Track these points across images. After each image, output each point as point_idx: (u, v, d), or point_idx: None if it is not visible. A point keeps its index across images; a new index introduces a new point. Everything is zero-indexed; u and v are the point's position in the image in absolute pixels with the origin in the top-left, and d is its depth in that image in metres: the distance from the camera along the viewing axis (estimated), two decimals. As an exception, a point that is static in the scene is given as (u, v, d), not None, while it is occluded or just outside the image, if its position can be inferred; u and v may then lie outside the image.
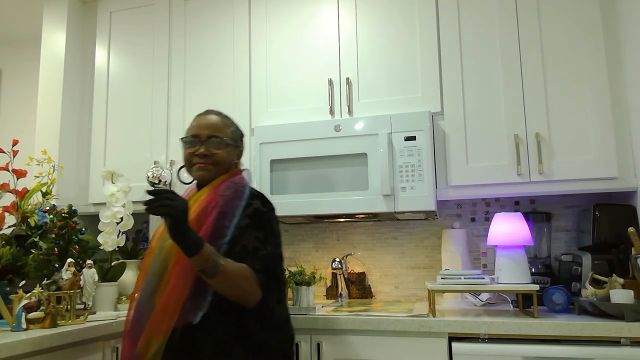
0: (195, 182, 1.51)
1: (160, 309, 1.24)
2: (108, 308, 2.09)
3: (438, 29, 2.16)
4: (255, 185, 2.15)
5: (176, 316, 1.23)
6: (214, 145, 1.45)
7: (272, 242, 1.36)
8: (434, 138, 2.07)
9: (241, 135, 1.57)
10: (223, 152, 1.46)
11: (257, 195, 1.41)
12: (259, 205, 1.38)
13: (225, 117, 1.54)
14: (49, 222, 2.03)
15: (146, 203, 1.16)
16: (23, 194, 2.11)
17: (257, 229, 1.34)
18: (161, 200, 1.15)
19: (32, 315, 1.62)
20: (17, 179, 2.13)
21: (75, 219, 2.10)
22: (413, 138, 2.01)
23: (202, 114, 1.53)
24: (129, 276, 2.30)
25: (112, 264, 2.24)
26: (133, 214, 2.26)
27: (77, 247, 2.04)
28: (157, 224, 2.69)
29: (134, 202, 2.29)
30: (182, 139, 1.50)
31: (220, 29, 2.44)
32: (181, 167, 1.51)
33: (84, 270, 1.91)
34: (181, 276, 1.25)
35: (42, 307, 1.65)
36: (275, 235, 1.39)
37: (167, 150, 2.42)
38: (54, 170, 2.24)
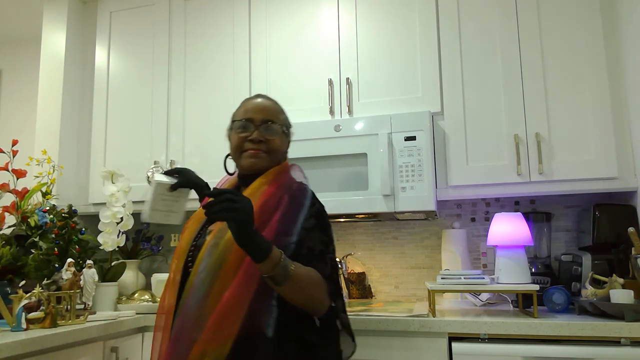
0: (236, 172, 1.41)
1: (220, 316, 1.08)
2: (108, 308, 2.09)
3: (438, 29, 2.16)
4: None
5: (238, 324, 1.08)
6: (269, 131, 1.32)
7: (334, 247, 1.29)
8: (434, 138, 2.07)
9: (289, 124, 1.44)
10: (278, 140, 1.34)
11: (315, 195, 1.32)
12: (321, 206, 1.30)
13: (277, 103, 1.42)
14: (49, 222, 2.04)
15: (206, 207, 1.03)
16: (23, 194, 2.11)
17: (322, 231, 1.25)
18: (223, 202, 1.03)
19: (32, 315, 1.62)
20: (17, 179, 2.13)
21: (75, 219, 2.10)
22: (413, 138, 2.01)
23: (252, 98, 1.40)
24: (129, 276, 2.30)
25: (112, 264, 2.24)
26: (133, 214, 2.27)
27: (77, 247, 2.05)
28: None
29: (134, 202, 2.30)
30: (232, 122, 1.38)
31: (220, 29, 2.44)
32: (227, 156, 1.39)
33: (84, 270, 1.92)
34: (244, 280, 1.11)
35: (42, 307, 1.66)
36: (332, 236, 1.31)
37: (167, 150, 2.42)
38: (54, 170, 2.24)
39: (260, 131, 1.31)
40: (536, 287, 1.72)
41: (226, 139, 1.40)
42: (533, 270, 2.07)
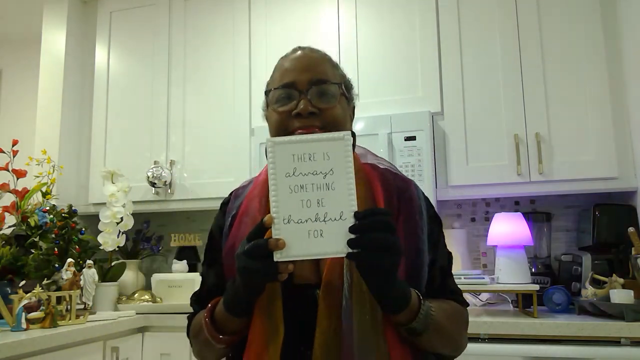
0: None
1: None
2: (108, 308, 2.09)
3: (438, 29, 2.16)
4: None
5: None
6: (322, 97, 0.89)
7: None
8: (434, 138, 2.07)
9: (351, 85, 1.02)
10: (338, 108, 0.91)
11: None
12: (425, 195, 0.95)
13: (326, 54, 1.03)
14: (49, 222, 2.03)
15: (354, 244, 0.70)
16: (23, 194, 2.11)
17: (442, 231, 0.95)
18: (377, 240, 0.70)
19: (32, 315, 1.62)
20: (17, 179, 2.13)
21: (75, 219, 2.10)
22: (413, 138, 2.01)
23: (292, 52, 1.01)
24: (129, 276, 2.30)
25: (112, 264, 2.24)
26: (133, 214, 2.27)
27: (77, 247, 2.05)
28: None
29: (134, 202, 2.30)
30: (267, 94, 0.95)
31: (220, 28, 2.44)
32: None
33: (84, 270, 1.92)
34: (399, 343, 0.80)
35: (42, 307, 1.66)
36: None
37: (167, 150, 2.41)
38: (54, 170, 2.24)
39: (309, 99, 0.88)
40: (536, 287, 1.72)
41: (263, 120, 0.98)
42: (533, 270, 2.07)
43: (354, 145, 0.86)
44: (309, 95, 0.88)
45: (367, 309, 0.77)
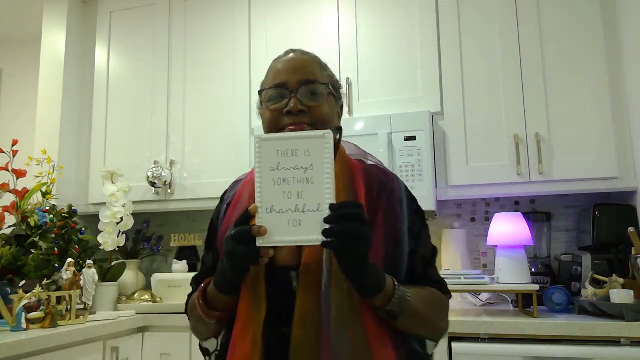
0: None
1: None
2: (108, 308, 2.09)
3: (438, 29, 2.16)
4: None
5: None
6: (311, 96, 0.96)
7: None
8: (434, 138, 2.07)
9: (338, 84, 1.05)
10: (326, 106, 0.97)
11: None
12: (409, 190, 1.01)
13: (316, 56, 1.07)
14: (49, 222, 2.03)
15: (328, 233, 0.77)
16: (23, 194, 2.11)
17: (426, 224, 1.00)
18: (348, 227, 0.77)
19: (32, 315, 1.62)
20: (17, 179, 2.13)
21: (75, 219, 2.10)
22: (413, 138, 2.01)
23: (284, 55, 1.06)
24: (129, 276, 2.30)
25: (112, 264, 2.24)
26: (133, 214, 2.27)
27: (77, 247, 2.05)
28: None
29: (134, 202, 2.30)
30: (260, 93, 1.01)
31: (220, 28, 2.44)
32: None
33: (84, 270, 1.92)
34: (377, 324, 0.85)
35: (42, 307, 1.66)
36: None
37: (167, 150, 2.41)
38: (54, 170, 2.24)
39: (299, 98, 0.95)
40: (536, 287, 1.72)
41: (258, 117, 1.05)
42: (533, 270, 2.06)
43: (340, 140, 0.98)
44: (299, 95, 0.95)
45: (345, 293, 0.83)
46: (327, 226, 0.77)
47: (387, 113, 2.11)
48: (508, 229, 1.85)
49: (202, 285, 0.94)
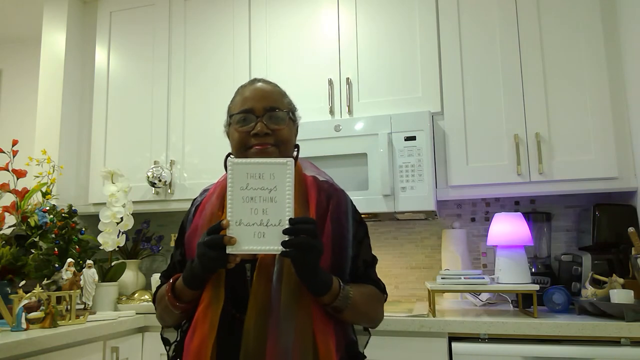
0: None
1: None
2: (108, 308, 2.09)
3: (438, 29, 2.16)
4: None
5: None
6: (274, 121, 1.12)
7: None
8: (434, 138, 2.07)
9: (296, 109, 1.24)
10: (286, 129, 1.14)
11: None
12: (355, 207, 1.19)
13: (277, 85, 1.23)
14: (49, 222, 2.04)
15: (286, 244, 0.93)
16: (23, 194, 2.11)
17: (367, 233, 1.18)
18: (302, 240, 0.93)
19: (32, 315, 1.62)
20: (17, 179, 2.13)
21: (75, 219, 2.10)
22: (413, 138, 2.01)
23: (248, 84, 1.21)
24: (129, 276, 2.30)
25: (112, 264, 2.24)
26: (133, 214, 2.27)
27: (77, 247, 2.05)
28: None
29: (134, 202, 2.30)
30: (230, 116, 1.18)
31: (220, 29, 2.44)
32: (228, 155, 1.14)
33: (84, 270, 1.92)
34: (322, 315, 1.02)
35: (42, 307, 1.66)
36: None
37: (167, 150, 2.42)
38: (54, 170, 2.24)
39: (265, 122, 1.11)
40: (536, 287, 1.72)
41: (225, 136, 1.22)
42: (533, 270, 2.07)
43: (297, 156, 1.18)
44: (264, 119, 1.11)
45: (293, 286, 0.98)
46: (286, 238, 0.93)
47: (387, 113, 2.11)
48: (508, 229, 1.85)
49: (172, 279, 1.07)
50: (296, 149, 1.20)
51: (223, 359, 0.99)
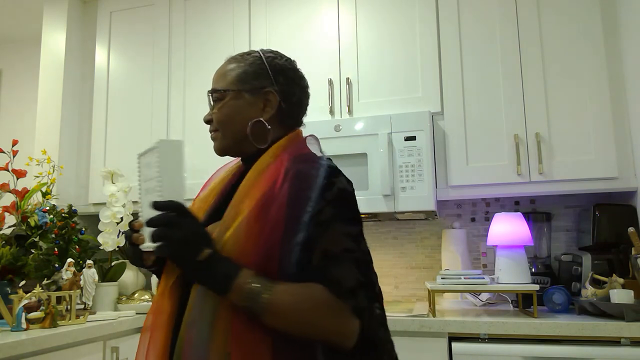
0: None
1: None
2: (108, 308, 2.09)
3: (438, 29, 2.16)
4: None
5: None
6: (213, 105, 1.05)
7: (364, 236, 0.94)
8: (434, 138, 2.07)
9: (262, 70, 1.04)
10: (224, 109, 1.02)
11: (338, 171, 0.94)
12: (345, 185, 0.93)
13: (235, 58, 1.08)
14: (49, 222, 2.04)
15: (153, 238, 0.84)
16: (23, 194, 2.11)
17: (347, 220, 0.89)
18: (158, 232, 0.83)
19: (32, 315, 1.62)
20: (17, 179, 2.13)
21: (75, 219, 2.10)
22: (413, 138, 2.01)
23: None
24: (129, 276, 2.30)
25: (112, 264, 2.24)
26: (133, 214, 2.27)
27: (77, 247, 2.05)
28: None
29: (134, 202, 2.30)
30: None
31: (220, 29, 2.44)
32: None
33: (84, 270, 1.92)
34: (245, 318, 0.84)
35: (42, 307, 1.66)
36: (362, 232, 0.95)
37: (167, 150, 2.41)
38: (54, 170, 2.24)
39: (210, 108, 1.05)
40: (536, 287, 1.72)
41: None
42: (533, 270, 2.07)
43: (264, 134, 1.00)
44: (212, 105, 1.05)
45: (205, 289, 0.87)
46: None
47: (387, 113, 2.11)
48: (508, 229, 1.85)
49: None
50: (258, 125, 1.00)
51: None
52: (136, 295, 2.13)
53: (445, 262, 2.20)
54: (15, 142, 2.16)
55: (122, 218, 2.20)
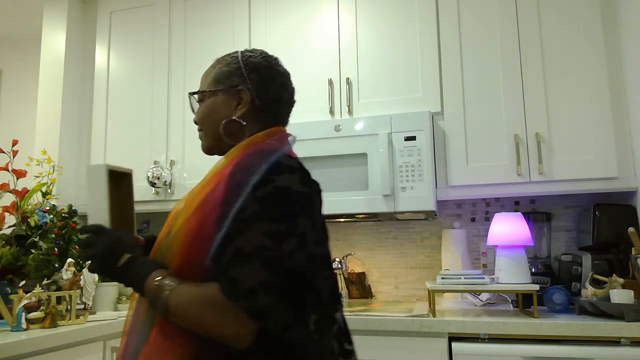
0: None
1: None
2: (108, 308, 2.09)
3: (438, 29, 2.16)
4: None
5: None
6: (195, 109, 1.14)
7: (303, 238, 0.86)
8: (434, 138, 2.07)
9: (236, 69, 1.05)
10: (202, 111, 1.09)
11: (288, 168, 0.89)
12: (286, 182, 0.87)
13: (218, 59, 1.11)
14: (49, 222, 2.03)
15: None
16: (23, 194, 2.11)
17: (271, 219, 0.84)
18: (82, 251, 0.97)
19: (32, 315, 1.62)
20: (17, 179, 2.13)
21: (75, 219, 2.10)
22: (413, 138, 2.01)
23: None
24: (129, 276, 2.30)
25: (112, 264, 2.24)
26: (133, 214, 2.27)
27: (77, 247, 2.04)
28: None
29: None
30: None
31: (220, 29, 2.44)
32: None
33: (84, 270, 1.92)
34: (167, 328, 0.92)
35: (42, 307, 1.66)
36: (314, 227, 0.90)
37: (167, 150, 2.41)
38: (54, 170, 2.24)
39: (193, 110, 1.15)
40: (536, 287, 1.72)
41: None
42: (533, 270, 2.07)
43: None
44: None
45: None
46: None
47: (387, 113, 2.11)
48: (508, 229, 1.85)
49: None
50: (232, 124, 1.03)
51: None
52: (136, 295, 2.13)
53: (445, 262, 2.20)
54: (15, 142, 2.16)
55: (122, 218, 2.20)
